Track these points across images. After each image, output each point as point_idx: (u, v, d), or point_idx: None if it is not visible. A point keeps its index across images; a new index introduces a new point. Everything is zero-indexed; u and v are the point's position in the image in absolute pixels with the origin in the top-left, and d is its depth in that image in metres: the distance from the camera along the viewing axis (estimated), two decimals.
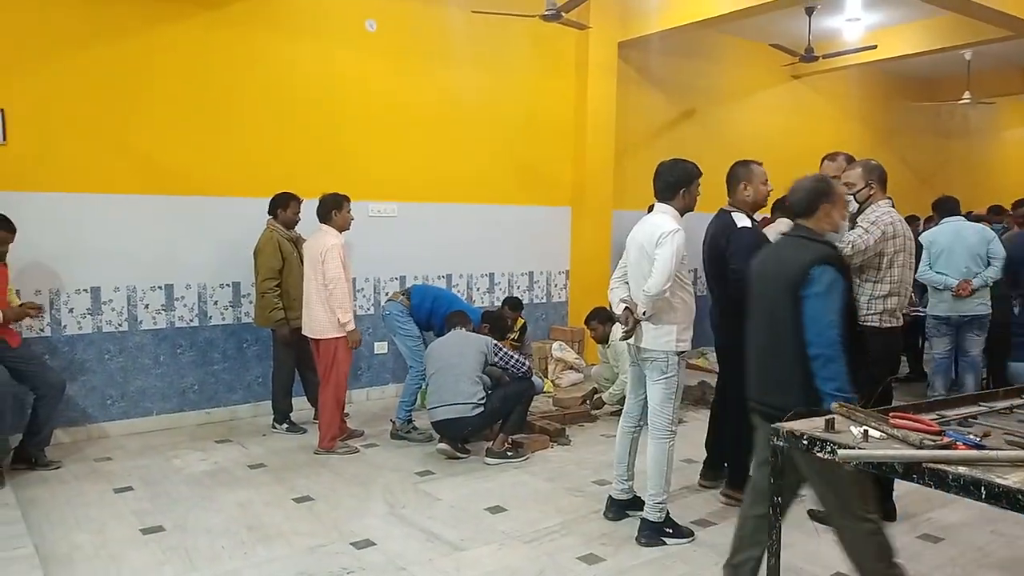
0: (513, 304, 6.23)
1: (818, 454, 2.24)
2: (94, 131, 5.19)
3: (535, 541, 3.74)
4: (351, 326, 4.90)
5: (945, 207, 6.02)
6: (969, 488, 1.88)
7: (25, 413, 4.69)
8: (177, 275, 5.59)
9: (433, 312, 5.46)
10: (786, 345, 2.81)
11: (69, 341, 5.22)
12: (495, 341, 5.08)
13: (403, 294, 5.55)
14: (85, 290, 5.25)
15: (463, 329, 5.12)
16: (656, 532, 3.68)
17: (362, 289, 6.40)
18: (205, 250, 5.67)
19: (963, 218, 5.99)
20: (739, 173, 4.05)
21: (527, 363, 5.10)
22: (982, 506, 1.89)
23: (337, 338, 4.92)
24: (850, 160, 4.24)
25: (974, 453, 1.98)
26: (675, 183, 3.66)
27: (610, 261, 7.23)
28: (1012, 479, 1.83)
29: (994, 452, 1.98)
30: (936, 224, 6.07)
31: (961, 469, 1.91)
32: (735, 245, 3.92)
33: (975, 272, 5.58)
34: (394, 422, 5.40)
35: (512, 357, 4.99)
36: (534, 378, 5.17)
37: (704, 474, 4.46)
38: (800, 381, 2.72)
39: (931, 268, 5.72)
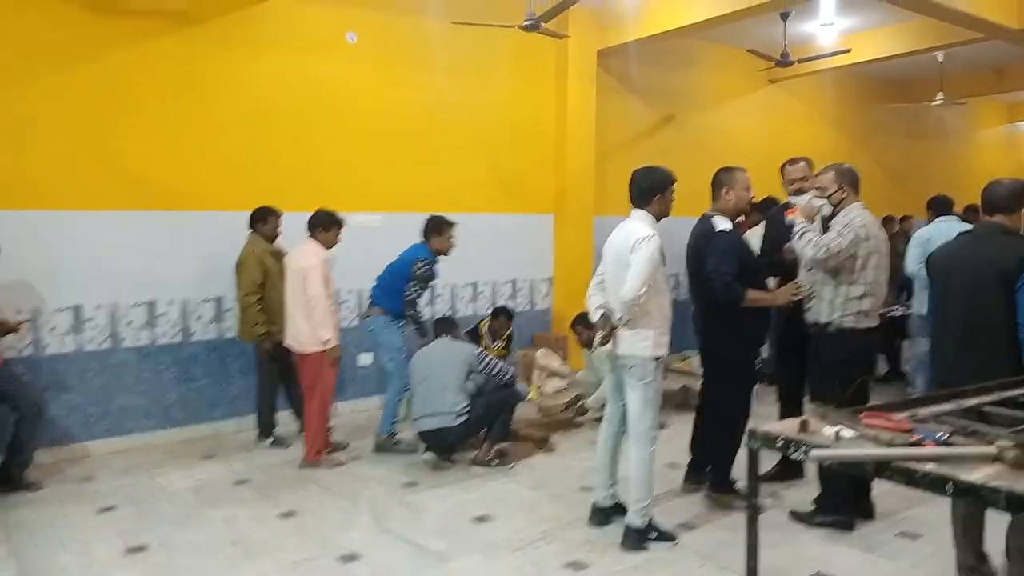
0: (508, 313, 6.38)
1: (792, 455, 2.28)
2: (74, 147, 5.18)
3: (521, 550, 3.75)
4: (332, 343, 4.90)
5: (940, 205, 6.09)
6: (937, 485, 1.91)
7: (5, 435, 4.64)
8: (159, 291, 5.57)
9: (393, 291, 5.29)
10: (995, 334, 2.97)
11: (50, 360, 5.19)
12: (480, 349, 5.10)
13: (371, 305, 5.47)
14: (66, 308, 5.24)
15: (448, 337, 5.14)
16: (640, 537, 3.70)
17: (346, 301, 6.39)
18: (187, 265, 5.65)
19: (957, 217, 6.03)
20: (722, 179, 4.11)
21: (511, 370, 5.12)
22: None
23: (322, 351, 4.92)
24: (810, 164, 4.35)
25: (941, 450, 2.02)
26: (649, 189, 3.71)
27: (592, 267, 7.26)
28: (977, 475, 1.87)
29: (961, 448, 2.02)
30: (930, 222, 6.12)
31: (929, 466, 1.95)
32: (711, 247, 3.98)
33: None
34: (379, 435, 5.40)
35: (496, 365, 5.01)
36: (517, 385, 5.20)
37: (688, 477, 4.49)
38: (1010, 366, 2.85)
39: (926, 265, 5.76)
